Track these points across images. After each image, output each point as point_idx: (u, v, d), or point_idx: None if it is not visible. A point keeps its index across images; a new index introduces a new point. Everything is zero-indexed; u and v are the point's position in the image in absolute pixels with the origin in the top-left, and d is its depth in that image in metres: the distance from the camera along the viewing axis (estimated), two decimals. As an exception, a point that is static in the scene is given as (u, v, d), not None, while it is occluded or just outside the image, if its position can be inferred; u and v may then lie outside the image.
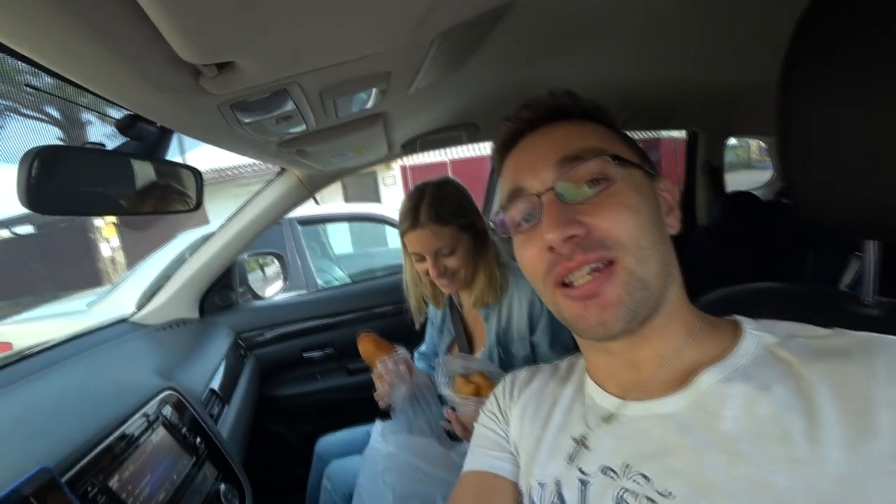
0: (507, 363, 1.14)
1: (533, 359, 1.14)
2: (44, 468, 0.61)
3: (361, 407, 1.77)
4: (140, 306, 1.55)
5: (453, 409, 1.01)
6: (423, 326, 1.38)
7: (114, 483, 0.70)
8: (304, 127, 0.77)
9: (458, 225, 1.09)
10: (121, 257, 7.88)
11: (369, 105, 0.79)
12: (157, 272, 2.49)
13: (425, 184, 1.15)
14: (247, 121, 0.63)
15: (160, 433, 0.85)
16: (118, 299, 2.56)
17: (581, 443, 0.49)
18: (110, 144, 0.76)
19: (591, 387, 0.53)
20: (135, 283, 2.56)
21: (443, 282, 1.12)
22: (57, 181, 0.54)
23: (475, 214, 1.15)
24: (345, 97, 0.66)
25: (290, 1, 0.33)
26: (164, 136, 0.73)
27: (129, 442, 0.77)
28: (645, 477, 0.43)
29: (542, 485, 0.51)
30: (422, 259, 1.11)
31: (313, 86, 0.57)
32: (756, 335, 0.45)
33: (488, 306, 1.15)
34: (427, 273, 1.12)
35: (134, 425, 0.80)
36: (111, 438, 0.73)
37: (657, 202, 0.50)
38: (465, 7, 0.52)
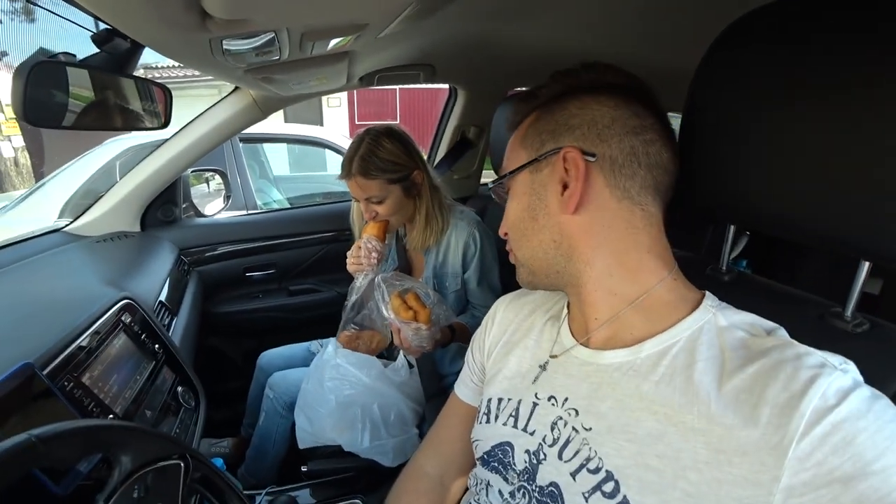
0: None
1: (464, 294, 1.29)
2: (26, 363, 0.66)
3: (301, 326, 1.88)
4: (73, 216, 1.51)
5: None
6: None
7: (86, 379, 0.76)
8: (277, 58, 0.79)
9: (386, 179, 1.17)
10: (26, 159, 6.80)
11: (341, 45, 0.83)
12: (83, 180, 2.33)
13: (367, 132, 1.21)
14: (230, 50, 0.66)
15: (122, 338, 0.91)
16: (35, 206, 2.38)
17: (543, 368, 0.60)
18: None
19: (564, 323, 0.62)
20: (55, 190, 2.38)
21: (375, 223, 1.23)
22: (50, 95, 0.55)
23: (410, 168, 1.20)
24: (323, 41, 0.70)
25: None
26: (135, 50, 0.73)
27: (97, 345, 0.82)
28: (576, 411, 0.53)
29: (505, 399, 0.62)
30: (359, 202, 1.23)
31: (299, 30, 0.61)
32: (709, 315, 0.51)
33: (429, 247, 1.27)
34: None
35: (98, 330, 0.85)
36: (82, 339, 0.79)
37: (543, 191, 0.55)
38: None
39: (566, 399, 0.55)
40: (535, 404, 0.58)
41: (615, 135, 0.52)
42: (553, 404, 0.56)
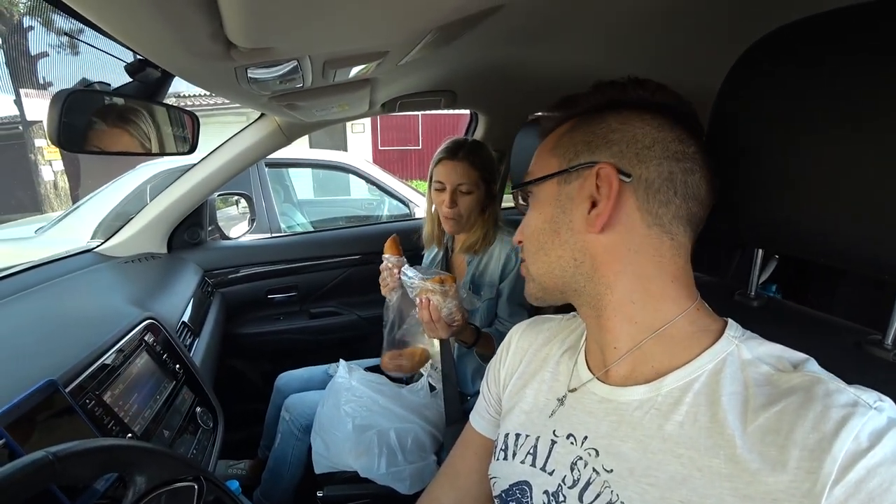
0: None
1: (495, 305, 1.32)
2: (50, 380, 0.68)
3: (321, 349, 1.89)
4: (104, 237, 1.56)
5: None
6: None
7: (107, 398, 0.78)
8: (300, 85, 0.82)
9: (481, 175, 1.28)
10: (64, 182, 7.24)
11: (363, 72, 0.85)
12: (115, 203, 2.42)
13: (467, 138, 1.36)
14: (255, 79, 0.68)
15: (144, 358, 0.92)
16: (70, 228, 2.49)
17: (561, 403, 0.57)
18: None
19: (581, 355, 0.60)
20: (89, 212, 2.48)
21: (448, 215, 1.28)
22: (84, 122, 0.57)
23: (495, 181, 1.34)
24: (345, 68, 0.72)
25: (334, 2, 0.40)
26: (165, 79, 0.76)
27: (119, 364, 0.84)
28: (596, 451, 0.51)
29: (522, 435, 0.60)
30: (442, 189, 1.27)
31: (321, 58, 0.63)
32: (732, 346, 0.48)
33: (474, 253, 1.34)
34: (440, 206, 1.29)
35: (122, 349, 0.87)
36: (105, 357, 0.80)
37: (569, 205, 0.53)
38: (464, 7, 0.58)
39: (585, 437, 0.53)
40: (553, 442, 0.56)
41: (655, 157, 0.50)
42: (572, 443, 0.54)
